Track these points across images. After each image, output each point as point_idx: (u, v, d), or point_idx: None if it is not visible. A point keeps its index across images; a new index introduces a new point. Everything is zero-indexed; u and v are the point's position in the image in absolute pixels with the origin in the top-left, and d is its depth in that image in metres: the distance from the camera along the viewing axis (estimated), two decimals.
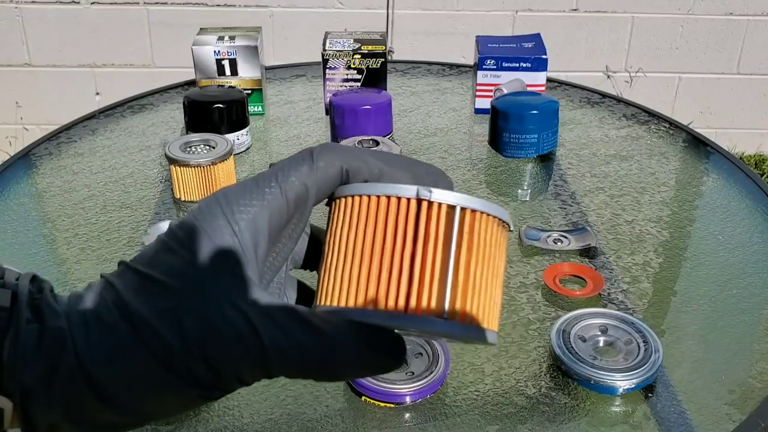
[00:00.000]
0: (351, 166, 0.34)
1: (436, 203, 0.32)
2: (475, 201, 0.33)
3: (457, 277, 0.31)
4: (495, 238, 0.33)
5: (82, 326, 0.32)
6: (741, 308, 0.78)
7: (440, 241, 0.32)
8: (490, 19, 2.30)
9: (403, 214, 0.32)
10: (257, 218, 0.33)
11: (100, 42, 2.29)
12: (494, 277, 0.33)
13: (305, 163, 0.34)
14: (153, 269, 0.32)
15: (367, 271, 0.32)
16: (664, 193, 1.01)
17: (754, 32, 2.35)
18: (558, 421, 0.64)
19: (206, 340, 0.31)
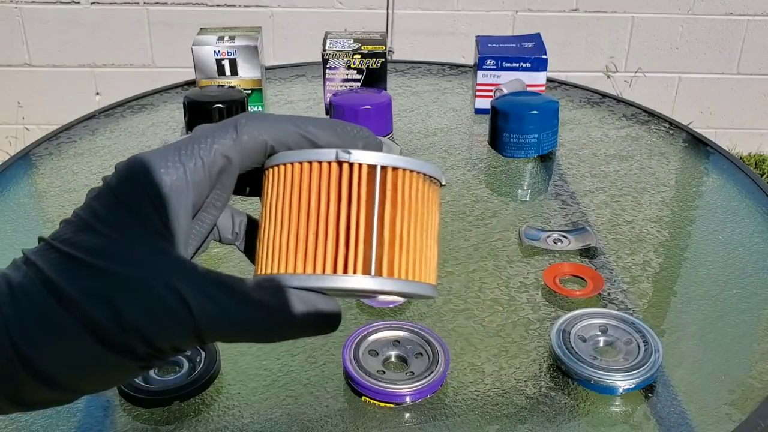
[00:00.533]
0: (275, 136, 0.34)
1: (356, 164, 0.33)
2: (397, 158, 0.33)
3: (382, 235, 0.32)
4: (422, 193, 0.34)
5: (12, 306, 0.31)
6: (741, 308, 0.78)
7: (363, 201, 0.32)
8: (490, 19, 2.30)
9: (325, 178, 0.33)
10: (178, 189, 0.33)
11: (100, 42, 2.29)
12: (424, 231, 0.33)
13: (228, 135, 0.34)
14: (76, 249, 0.31)
15: (295, 237, 0.32)
16: (664, 193, 1.01)
17: (754, 32, 2.35)
18: (558, 421, 0.64)
19: (140, 320, 0.31)
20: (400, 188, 0.33)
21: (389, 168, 0.33)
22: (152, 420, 0.65)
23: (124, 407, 0.66)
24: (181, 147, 0.34)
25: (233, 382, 0.68)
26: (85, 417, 0.65)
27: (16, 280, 0.32)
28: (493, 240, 0.89)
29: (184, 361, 0.69)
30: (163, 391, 0.66)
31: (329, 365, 0.70)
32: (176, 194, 0.33)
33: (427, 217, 0.34)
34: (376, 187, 0.32)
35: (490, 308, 0.78)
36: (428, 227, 0.34)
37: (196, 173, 0.33)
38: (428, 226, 0.34)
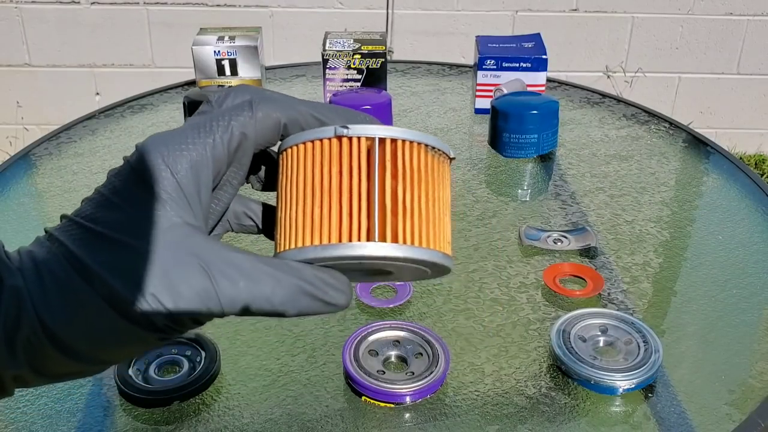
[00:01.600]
0: (288, 115, 0.36)
1: (355, 138, 0.34)
2: (395, 130, 0.34)
3: (384, 203, 0.33)
4: (426, 164, 0.34)
5: (38, 282, 0.32)
6: (741, 308, 0.78)
7: (363, 173, 0.33)
8: (490, 19, 2.30)
9: (326, 154, 0.34)
10: (199, 165, 0.34)
11: (100, 42, 2.29)
12: (431, 201, 0.34)
13: (244, 113, 0.35)
14: (97, 224, 0.32)
15: (302, 212, 0.33)
16: (664, 193, 1.01)
17: (754, 32, 2.35)
18: (558, 421, 0.64)
19: (162, 292, 0.31)
20: (401, 159, 0.33)
21: (387, 139, 0.34)
22: (152, 420, 0.65)
23: (124, 407, 0.66)
24: (199, 125, 0.34)
25: (233, 382, 0.68)
26: (85, 417, 0.65)
27: (41, 255, 0.32)
28: (493, 240, 0.89)
29: (184, 361, 0.69)
30: (163, 391, 0.66)
31: (329, 365, 0.70)
32: (197, 169, 0.33)
33: (435, 188, 0.34)
34: (375, 159, 0.33)
35: (490, 308, 0.78)
36: (437, 198, 0.34)
37: (216, 149, 0.34)
38: (436, 196, 0.34)
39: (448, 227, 0.35)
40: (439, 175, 0.35)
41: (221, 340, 0.71)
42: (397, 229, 0.33)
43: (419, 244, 0.33)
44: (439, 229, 0.34)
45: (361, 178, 0.33)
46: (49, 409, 0.65)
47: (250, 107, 0.35)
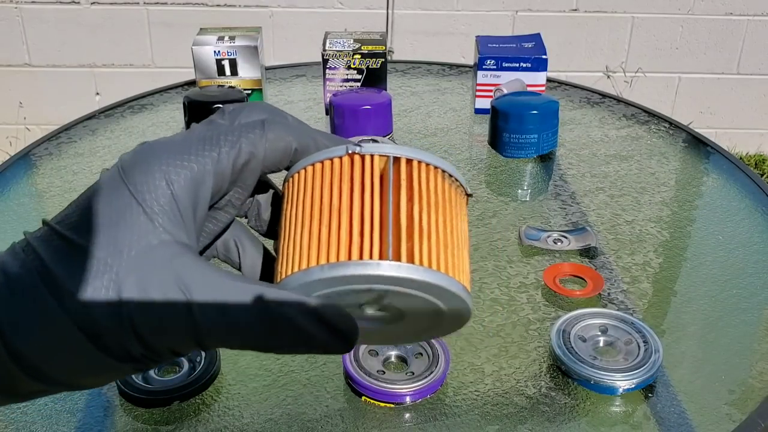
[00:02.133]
0: (301, 141, 0.33)
1: (368, 155, 0.32)
2: (411, 150, 0.32)
3: (399, 225, 0.30)
4: (442, 189, 0.32)
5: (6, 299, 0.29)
6: (741, 308, 0.78)
7: (377, 192, 0.31)
8: (490, 19, 2.30)
9: (337, 173, 0.31)
10: (199, 179, 0.31)
11: (100, 42, 2.29)
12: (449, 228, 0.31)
13: (256, 131, 0.33)
14: (81, 236, 0.30)
15: (308, 233, 0.30)
16: (664, 193, 1.01)
17: (754, 32, 2.35)
18: (558, 421, 0.64)
19: (141, 319, 0.29)
20: (416, 180, 0.31)
21: (403, 158, 0.32)
22: (152, 420, 0.65)
23: (124, 407, 0.66)
24: (205, 137, 0.32)
25: (233, 382, 0.68)
26: (85, 417, 0.65)
27: (13, 270, 0.30)
28: (493, 240, 0.89)
29: (184, 361, 0.69)
30: (163, 391, 0.66)
31: (329, 365, 0.70)
32: (196, 183, 0.31)
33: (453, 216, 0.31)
34: (390, 178, 0.31)
35: (490, 308, 0.78)
36: (455, 227, 0.31)
37: (220, 164, 0.32)
38: (455, 225, 0.31)
39: (467, 263, 0.31)
40: (457, 205, 0.32)
41: None
42: (413, 250, 0.29)
43: (437, 268, 0.29)
44: (459, 260, 0.31)
45: (374, 198, 0.30)
46: (49, 409, 0.65)
47: (262, 126, 0.33)
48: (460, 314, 0.31)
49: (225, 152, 0.32)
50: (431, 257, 0.29)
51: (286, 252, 0.31)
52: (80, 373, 0.30)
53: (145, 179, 0.31)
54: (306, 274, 0.29)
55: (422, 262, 0.29)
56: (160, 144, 0.32)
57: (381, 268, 0.29)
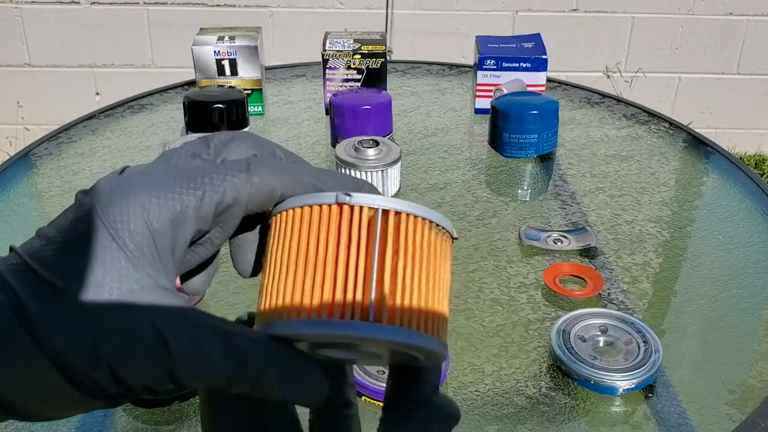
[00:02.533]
0: (287, 185, 0.32)
1: (357, 207, 0.31)
2: (401, 203, 0.31)
3: (382, 280, 0.30)
4: (429, 242, 0.32)
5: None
6: (741, 308, 0.78)
7: (363, 245, 0.31)
8: (490, 19, 2.30)
9: (325, 221, 0.31)
10: (180, 221, 0.30)
11: (100, 42, 2.29)
12: (431, 283, 0.31)
13: (240, 174, 0.31)
14: (55, 275, 0.29)
15: (292, 282, 0.30)
16: (664, 193, 1.01)
17: (754, 32, 2.35)
18: (558, 421, 0.64)
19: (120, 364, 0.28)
20: (404, 234, 0.31)
21: (392, 212, 0.31)
22: (152, 420, 0.65)
23: (124, 407, 0.66)
24: (189, 176, 0.31)
25: None
26: (85, 417, 0.65)
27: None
28: (493, 240, 0.89)
29: None
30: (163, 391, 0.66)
31: None
32: (177, 225, 0.30)
33: (436, 269, 0.32)
34: (377, 231, 0.31)
35: (490, 308, 0.78)
36: (437, 279, 0.32)
37: (202, 208, 0.31)
38: (437, 278, 0.32)
39: (446, 311, 0.32)
40: (441, 255, 0.32)
41: None
42: (394, 310, 0.30)
43: (416, 328, 0.30)
44: (438, 314, 0.31)
45: (360, 251, 0.30)
46: None
47: (247, 170, 0.32)
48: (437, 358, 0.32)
49: (208, 196, 0.31)
50: (411, 316, 0.30)
51: (269, 294, 0.31)
52: (52, 409, 0.30)
53: (124, 216, 0.30)
54: (287, 325, 0.30)
55: (402, 323, 0.30)
56: (140, 176, 0.31)
57: (361, 329, 0.29)
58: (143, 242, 0.29)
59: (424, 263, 0.31)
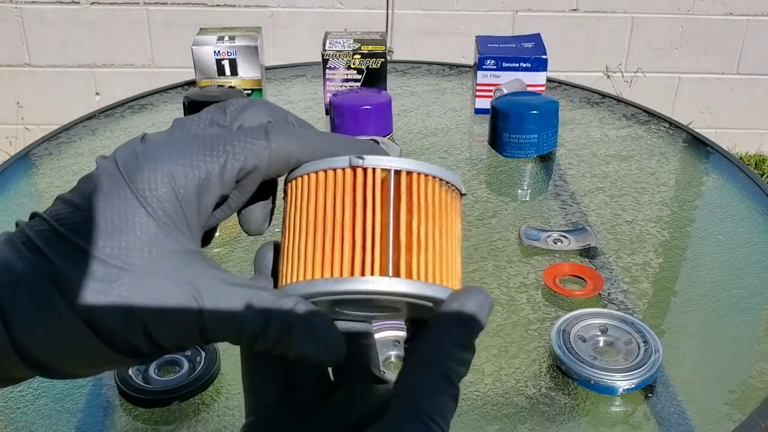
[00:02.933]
0: (303, 151, 0.33)
1: (370, 169, 0.33)
2: (411, 162, 0.33)
3: (399, 237, 0.32)
4: (440, 199, 0.33)
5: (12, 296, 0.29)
6: (741, 308, 0.78)
7: (378, 205, 0.32)
8: (490, 19, 2.30)
9: (340, 185, 0.33)
10: (204, 188, 0.31)
11: (100, 42, 2.29)
12: (444, 237, 0.33)
13: (260, 141, 0.32)
14: (86, 240, 0.30)
15: (313, 244, 0.32)
16: (664, 193, 1.01)
17: (754, 32, 2.35)
18: (558, 421, 0.64)
19: (154, 325, 0.30)
20: (416, 192, 0.33)
21: (403, 172, 0.33)
22: (152, 420, 0.65)
23: (124, 407, 0.66)
24: (212, 144, 0.32)
25: (233, 382, 0.68)
26: (85, 417, 0.65)
27: (18, 267, 0.30)
28: (493, 240, 0.89)
29: (184, 361, 0.69)
30: (163, 391, 0.66)
31: None
32: (202, 192, 0.31)
33: (448, 224, 0.33)
34: (390, 191, 0.32)
35: None
36: (449, 234, 0.33)
37: (225, 175, 0.32)
38: (449, 232, 0.33)
39: (459, 264, 0.34)
40: (452, 211, 0.34)
41: None
42: (411, 265, 0.31)
43: (433, 280, 0.32)
44: (452, 266, 0.33)
45: (375, 211, 0.32)
46: (49, 409, 0.65)
47: (266, 136, 0.33)
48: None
49: (230, 163, 0.32)
50: (428, 270, 0.32)
51: (290, 257, 0.32)
52: (83, 366, 0.31)
53: (152, 183, 0.31)
54: (310, 285, 0.31)
55: (419, 276, 0.31)
56: (164, 144, 0.32)
57: (381, 284, 0.31)
58: (171, 209, 0.31)
59: (437, 219, 0.33)
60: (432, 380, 0.31)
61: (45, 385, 0.68)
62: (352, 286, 0.31)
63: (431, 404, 0.31)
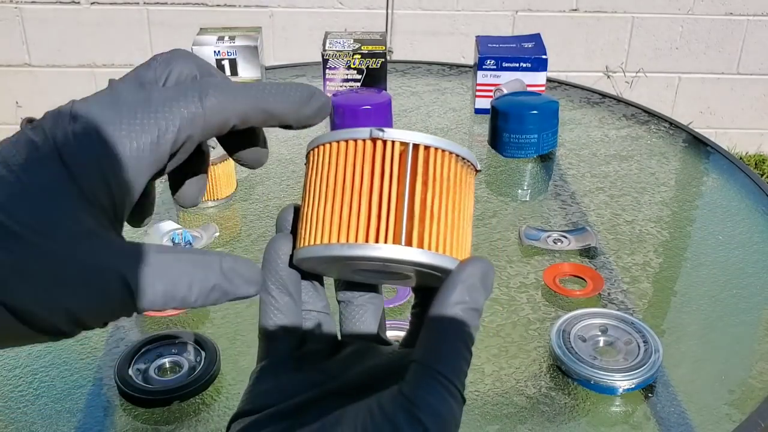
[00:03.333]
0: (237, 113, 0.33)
1: (389, 141, 0.34)
2: (429, 137, 0.34)
3: (413, 209, 0.33)
4: (455, 173, 0.34)
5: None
6: (741, 308, 0.78)
7: (396, 176, 0.33)
8: (490, 19, 2.30)
9: (360, 155, 0.34)
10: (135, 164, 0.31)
11: (100, 42, 2.29)
12: (457, 211, 0.34)
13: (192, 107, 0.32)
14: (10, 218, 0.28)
15: (331, 209, 0.33)
16: (664, 193, 1.01)
17: (754, 32, 2.35)
18: (558, 421, 0.64)
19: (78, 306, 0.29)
20: (432, 166, 0.34)
21: (421, 146, 0.34)
22: (152, 420, 0.65)
23: (124, 407, 0.66)
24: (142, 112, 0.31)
25: (233, 382, 0.68)
26: (85, 417, 0.65)
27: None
28: (493, 240, 0.89)
29: (184, 361, 0.69)
30: (163, 391, 0.66)
31: None
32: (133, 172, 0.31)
33: (461, 198, 0.35)
34: (408, 164, 0.33)
35: (490, 308, 0.78)
36: (462, 207, 0.35)
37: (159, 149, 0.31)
38: (462, 206, 0.35)
39: (469, 237, 0.35)
40: (466, 186, 0.35)
41: (221, 340, 0.71)
42: (423, 235, 0.33)
43: (443, 251, 0.33)
44: (463, 238, 0.34)
45: (392, 182, 0.33)
46: (49, 409, 0.65)
47: (199, 99, 0.32)
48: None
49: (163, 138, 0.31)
50: (438, 241, 0.33)
51: (309, 221, 0.34)
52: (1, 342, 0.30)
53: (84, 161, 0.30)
54: (326, 248, 0.33)
55: (430, 246, 0.33)
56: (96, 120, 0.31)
57: (393, 251, 0.32)
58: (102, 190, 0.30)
59: (451, 193, 0.34)
60: (449, 346, 0.32)
61: (45, 385, 0.68)
62: (366, 252, 0.32)
63: (450, 368, 0.31)
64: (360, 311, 0.39)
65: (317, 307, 0.38)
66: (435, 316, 0.32)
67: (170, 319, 0.76)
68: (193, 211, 0.95)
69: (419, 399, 0.30)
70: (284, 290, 0.36)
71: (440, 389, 0.31)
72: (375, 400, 0.31)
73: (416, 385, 0.31)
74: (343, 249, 0.33)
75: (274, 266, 0.36)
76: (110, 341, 0.74)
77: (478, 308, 0.33)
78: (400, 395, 0.31)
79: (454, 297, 0.32)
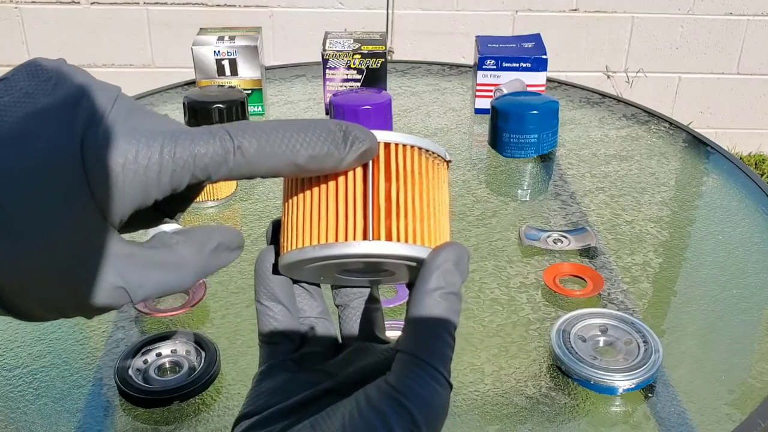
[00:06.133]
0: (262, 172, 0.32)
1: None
2: (388, 134, 0.35)
3: (378, 205, 0.34)
4: (419, 165, 0.35)
5: None
6: (741, 308, 0.78)
7: (359, 176, 0.35)
8: (490, 19, 2.30)
9: None
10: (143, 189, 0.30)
11: (100, 42, 2.29)
12: (425, 202, 0.35)
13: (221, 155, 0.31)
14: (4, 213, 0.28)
15: (302, 216, 0.35)
16: (664, 193, 1.01)
17: (754, 32, 2.35)
18: (558, 421, 0.64)
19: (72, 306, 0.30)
20: (394, 161, 0.35)
21: (381, 143, 0.35)
22: (152, 420, 0.65)
23: (124, 407, 0.66)
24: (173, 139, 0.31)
25: (233, 382, 0.68)
26: (85, 417, 0.65)
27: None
28: (493, 240, 0.89)
29: (184, 362, 0.69)
30: (163, 391, 0.66)
31: None
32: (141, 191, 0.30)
33: (429, 189, 0.35)
34: (369, 162, 0.35)
35: (490, 308, 0.78)
36: (431, 198, 0.35)
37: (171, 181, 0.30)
38: (431, 197, 0.35)
39: (444, 225, 0.36)
40: (434, 177, 0.36)
41: (221, 340, 0.71)
42: (390, 228, 0.34)
43: (413, 241, 0.34)
44: (435, 227, 0.35)
45: (357, 181, 0.34)
46: (49, 409, 0.65)
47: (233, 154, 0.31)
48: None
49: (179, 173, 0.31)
50: (408, 232, 0.34)
51: (287, 229, 0.36)
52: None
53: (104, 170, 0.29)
54: (300, 252, 0.34)
55: (398, 238, 0.34)
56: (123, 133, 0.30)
57: (362, 246, 0.34)
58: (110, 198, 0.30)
59: (417, 185, 0.35)
60: (430, 333, 0.33)
61: (45, 385, 0.68)
62: (336, 251, 0.34)
63: (432, 354, 0.32)
64: (357, 313, 0.40)
65: (314, 313, 0.39)
66: (415, 304, 0.33)
67: (170, 319, 0.76)
68: (193, 212, 0.95)
69: (404, 387, 0.31)
70: (275, 299, 0.37)
71: (424, 376, 0.31)
72: (362, 392, 0.32)
73: (401, 374, 0.31)
74: (315, 251, 0.34)
75: (262, 277, 0.37)
76: (110, 341, 0.74)
77: (455, 292, 0.33)
78: (386, 384, 0.31)
79: (431, 284, 0.33)
